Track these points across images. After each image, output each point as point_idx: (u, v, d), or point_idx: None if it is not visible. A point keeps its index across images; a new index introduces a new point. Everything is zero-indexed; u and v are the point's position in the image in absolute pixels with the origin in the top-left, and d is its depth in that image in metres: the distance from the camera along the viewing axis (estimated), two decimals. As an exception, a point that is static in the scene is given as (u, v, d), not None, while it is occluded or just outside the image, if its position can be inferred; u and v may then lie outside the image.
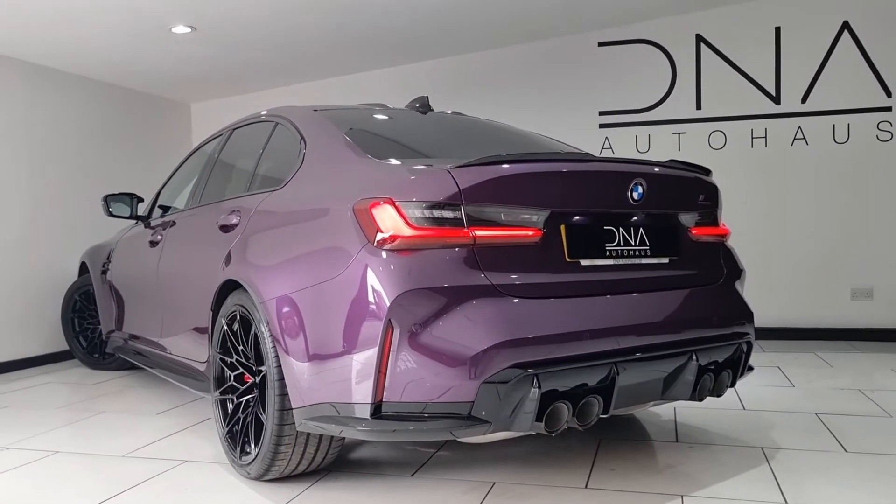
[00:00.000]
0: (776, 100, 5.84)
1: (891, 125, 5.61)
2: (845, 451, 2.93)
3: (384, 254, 2.22)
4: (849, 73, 5.69)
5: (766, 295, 5.41)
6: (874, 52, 5.62)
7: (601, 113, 6.24)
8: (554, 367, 2.19)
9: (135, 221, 4.62)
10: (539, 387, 2.15)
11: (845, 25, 5.68)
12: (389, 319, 2.14)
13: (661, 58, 6.08)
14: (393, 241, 2.21)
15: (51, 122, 5.76)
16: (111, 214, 4.42)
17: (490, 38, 6.12)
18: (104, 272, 4.89)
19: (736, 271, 2.94)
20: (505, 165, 2.33)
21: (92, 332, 5.32)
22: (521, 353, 2.16)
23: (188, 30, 5.12)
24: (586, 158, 2.57)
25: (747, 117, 5.90)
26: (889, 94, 5.61)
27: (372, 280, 2.21)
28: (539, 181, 2.37)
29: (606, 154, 6.13)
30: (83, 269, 5.39)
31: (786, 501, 2.41)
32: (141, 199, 4.53)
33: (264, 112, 3.54)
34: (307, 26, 5.35)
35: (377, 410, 2.20)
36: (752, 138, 5.90)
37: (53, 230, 5.75)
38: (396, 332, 2.15)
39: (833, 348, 5.39)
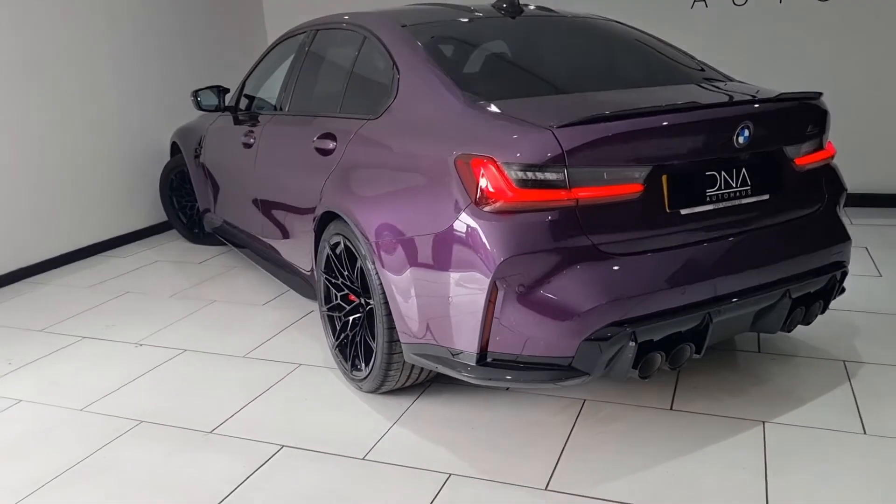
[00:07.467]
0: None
1: None
2: (933, 367, 2.95)
3: (488, 215, 2.27)
4: None
5: (854, 157, 4.79)
6: None
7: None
8: (651, 322, 2.29)
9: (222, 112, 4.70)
10: (636, 341, 2.27)
11: None
12: (494, 281, 2.24)
13: None
14: (495, 203, 2.25)
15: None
16: (200, 108, 4.52)
17: None
18: (197, 156, 5.06)
19: (838, 193, 2.87)
20: (609, 123, 2.28)
21: (191, 209, 5.62)
22: (621, 310, 2.26)
23: None
24: (692, 107, 2.47)
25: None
26: None
27: (476, 241, 2.28)
28: (643, 137, 2.32)
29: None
30: (174, 148, 5.59)
31: (865, 431, 2.53)
32: (227, 90, 4.57)
33: (347, 17, 3.45)
34: None
35: (482, 358, 2.38)
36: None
37: (145, 106, 5.96)
38: (501, 293, 2.26)
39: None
